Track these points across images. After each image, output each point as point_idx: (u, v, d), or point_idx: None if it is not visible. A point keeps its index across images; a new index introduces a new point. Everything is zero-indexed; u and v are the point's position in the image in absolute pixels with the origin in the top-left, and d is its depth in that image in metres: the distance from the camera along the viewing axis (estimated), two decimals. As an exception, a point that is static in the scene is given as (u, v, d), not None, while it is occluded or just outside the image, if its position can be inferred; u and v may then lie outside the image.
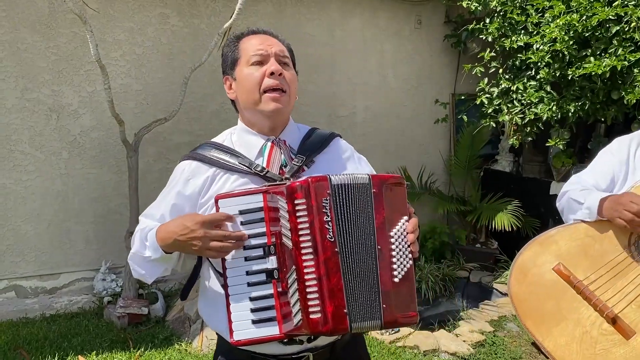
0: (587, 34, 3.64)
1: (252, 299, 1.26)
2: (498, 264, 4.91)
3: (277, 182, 1.33)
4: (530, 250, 1.77)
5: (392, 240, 1.28)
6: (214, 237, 1.25)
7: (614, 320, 1.56)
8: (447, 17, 5.11)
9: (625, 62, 3.40)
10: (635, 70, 3.43)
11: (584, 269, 1.66)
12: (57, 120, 3.85)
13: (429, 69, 5.19)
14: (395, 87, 5.05)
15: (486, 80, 4.44)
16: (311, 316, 1.20)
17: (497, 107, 4.41)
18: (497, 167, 5.33)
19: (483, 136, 5.14)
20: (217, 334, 1.48)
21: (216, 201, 1.29)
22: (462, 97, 5.12)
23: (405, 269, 1.28)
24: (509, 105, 4.32)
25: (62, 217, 3.97)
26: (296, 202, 1.22)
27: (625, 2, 3.43)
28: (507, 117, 4.32)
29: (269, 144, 1.43)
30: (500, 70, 4.39)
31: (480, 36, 4.42)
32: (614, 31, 3.50)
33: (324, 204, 1.23)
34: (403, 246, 1.29)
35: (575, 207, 1.81)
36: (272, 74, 1.37)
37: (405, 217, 1.31)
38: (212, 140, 1.51)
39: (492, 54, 4.33)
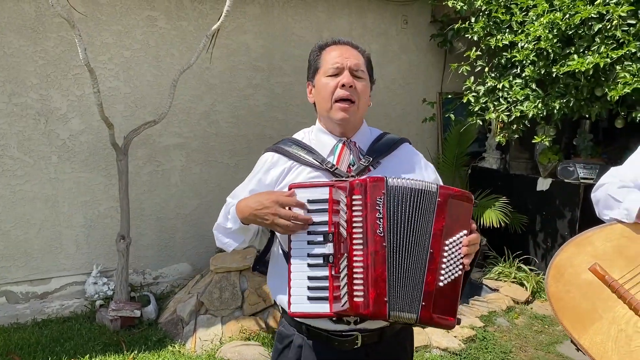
0: (571, 32, 3.70)
1: (310, 278, 1.40)
2: (487, 260, 4.97)
3: (343, 179, 1.48)
4: (567, 251, 1.79)
5: (446, 247, 1.39)
6: (283, 215, 1.41)
7: None
8: (433, 17, 5.16)
9: (608, 60, 3.46)
10: (618, 67, 3.49)
11: (619, 269, 1.68)
12: (45, 125, 3.84)
13: (416, 68, 5.23)
14: (383, 87, 5.09)
15: (472, 78, 4.49)
16: (355, 299, 1.34)
17: (483, 105, 4.47)
18: (485, 165, 5.39)
19: (470, 134, 5.20)
20: (279, 306, 1.64)
21: (290, 189, 1.45)
22: (449, 96, 5.18)
23: (453, 277, 1.39)
24: (495, 103, 4.37)
25: (52, 222, 3.96)
26: (354, 197, 1.38)
27: (607, 1, 3.49)
28: (493, 115, 4.37)
29: (340, 144, 1.58)
30: (486, 69, 4.45)
31: (466, 35, 4.47)
32: (596, 29, 3.56)
33: (377, 202, 1.37)
34: (455, 255, 1.40)
35: (612, 204, 1.81)
36: (343, 85, 1.51)
37: (465, 231, 1.42)
38: (293, 136, 1.68)
39: (478, 52, 4.38)
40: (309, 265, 1.41)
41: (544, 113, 4.06)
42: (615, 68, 3.51)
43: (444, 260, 1.38)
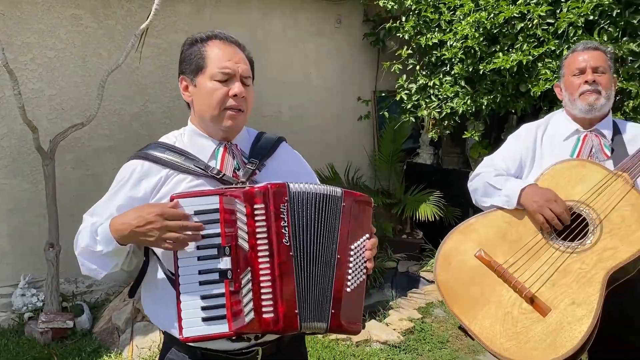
0: (496, 31, 3.86)
1: (203, 297, 1.29)
2: (423, 253, 5.10)
3: (234, 186, 1.38)
4: (453, 239, 1.85)
5: (352, 252, 1.37)
6: (171, 227, 1.27)
7: (531, 300, 1.64)
8: (365, 16, 5.24)
9: (530, 57, 3.64)
10: (539, 65, 3.67)
11: (503, 254, 1.75)
12: (-38, 129, 3.61)
13: (351, 67, 5.30)
14: (318, 86, 5.12)
15: (405, 77, 4.60)
16: (264, 315, 1.26)
17: (415, 103, 4.58)
18: (419, 160, 5.54)
19: (404, 131, 5.32)
20: (163, 332, 1.50)
21: (171, 199, 1.31)
22: (383, 94, 5.27)
23: (358, 282, 1.37)
24: (427, 101, 4.49)
25: (-27, 232, 3.73)
26: (255, 206, 1.28)
27: (528, 1, 3.67)
28: (425, 112, 4.49)
29: (221, 148, 1.47)
30: (418, 67, 4.56)
31: (398, 34, 4.57)
32: (518, 28, 3.73)
33: (281, 210, 1.30)
34: (360, 260, 1.39)
35: (491, 191, 1.90)
36: (235, 95, 1.41)
37: (367, 235, 1.42)
38: (161, 140, 1.52)
39: (409, 51, 4.50)
40: (202, 283, 1.28)
41: (473, 109, 4.22)
42: (537, 65, 3.70)
43: (350, 265, 1.35)
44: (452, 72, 4.25)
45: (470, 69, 4.09)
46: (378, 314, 4.07)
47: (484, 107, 4.12)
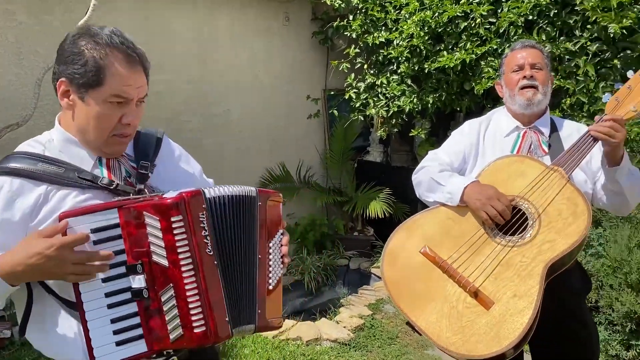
0: (440, 30, 3.92)
1: (114, 321, 1.21)
2: (374, 249, 5.15)
3: (134, 197, 1.28)
4: (398, 236, 1.86)
5: (270, 250, 1.38)
6: (75, 261, 1.14)
7: (475, 294, 1.67)
8: (314, 14, 5.23)
9: (473, 56, 3.71)
10: (482, 63, 3.75)
11: (447, 249, 1.77)
12: None
13: (300, 65, 5.28)
14: (268, 84, 5.08)
15: (353, 75, 4.62)
16: (195, 330, 1.21)
17: (364, 101, 4.61)
18: (369, 158, 5.58)
19: (354, 129, 5.35)
20: None
21: (60, 219, 1.17)
22: (332, 93, 5.29)
23: (277, 277, 1.39)
24: (375, 99, 4.53)
25: None
26: (172, 219, 1.19)
27: (470, 0, 3.74)
28: (373, 111, 4.52)
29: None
30: (365, 66, 4.59)
31: (345, 33, 4.58)
32: (462, 27, 3.79)
33: (200, 219, 1.23)
34: (277, 256, 1.40)
35: (435, 187, 1.93)
36: (128, 124, 1.28)
37: (281, 230, 1.43)
38: (24, 150, 1.28)
39: (357, 50, 4.51)
40: (110, 306, 1.20)
41: (419, 107, 4.28)
42: (480, 64, 3.77)
43: (270, 263, 1.37)
44: (399, 71, 4.30)
45: (416, 68, 4.14)
46: (329, 312, 4.08)
47: (429, 105, 4.18)
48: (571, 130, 1.95)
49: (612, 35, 3.08)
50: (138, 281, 1.21)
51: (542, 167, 1.80)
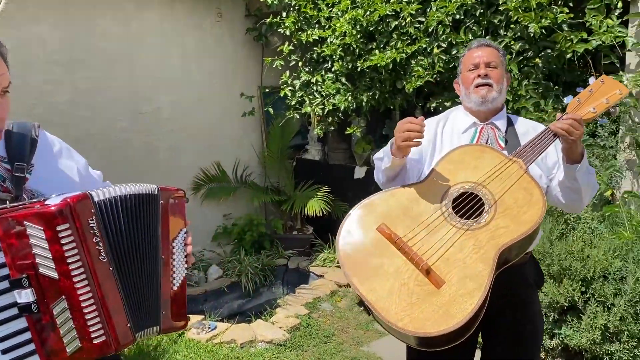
0: (372, 29, 3.94)
1: (1, 340, 1.12)
2: (313, 248, 5.14)
3: (11, 205, 1.17)
4: (356, 213, 1.85)
5: (174, 250, 1.34)
6: None
7: (427, 272, 1.66)
8: (247, 11, 5.15)
9: (404, 55, 3.75)
10: (413, 62, 3.79)
11: (403, 228, 1.77)
12: None
13: (234, 62, 5.19)
14: (200, 81, 4.96)
15: (288, 73, 4.58)
16: (95, 341, 1.16)
17: (299, 99, 4.58)
18: (308, 156, 5.56)
19: (292, 127, 5.31)
20: None
21: None
22: (266, 90, 5.23)
23: (182, 277, 1.36)
24: (310, 97, 4.51)
25: None
26: (58, 228, 1.12)
27: (400, -1, 3.78)
28: (309, 109, 4.50)
29: None
30: (300, 63, 4.56)
31: (279, 30, 4.53)
32: (392, 26, 3.83)
33: (90, 225, 1.17)
34: (181, 256, 1.37)
35: (378, 164, 1.97)
36: None
37: (184, 229, 1.39)
38: None
39: (291, 47, 4.48)
40: None
41: (354, 105, 4.29)
42: (410, 62, 3.82)
43: (174, 263, 1.34)
44: (333, 69, 4.30)
45: (350, 66, 4.15)
46: (265, 313, 4.03)
47: (364, 103, 4.20)
48: (527, 128, 1.99)
49: (532, 34, 3.18)
50: (25, 295, 1.13)
51: (501, 157, 1.83)
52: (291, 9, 4.42)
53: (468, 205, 1.76)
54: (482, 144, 1.94)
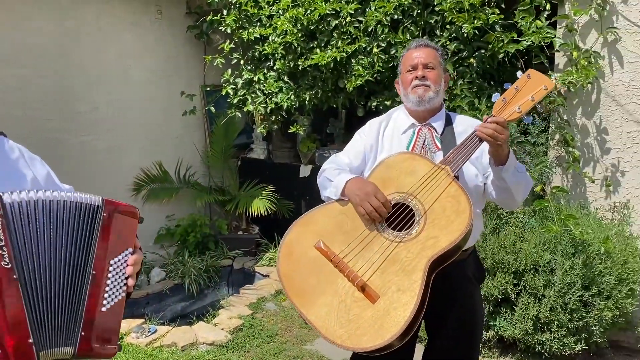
0: (313, 27, 3.94)
1: None
2: (259, 248, 5.10)
3: None
4: (295, 231, 1.87)
5: (111, 268, 1.26)
6: None
7: (363, 288, 1.70)
8: (188, 8, 5.06)
9: (344, 54, 3.77)
10: (353, 61, 3.82)
11: (339, 244, 1.79)
12: None
13: (175, 60, 5.08)
14: (140, 80, 4.84)
15: (230, 71, 4.54)
16: None
17: (242, 98, 4.54)
18: (253, 156, 5.51)
19: (236, 126, 5.25)
20: None
21: None
22: (208, 89, 5.16)
23: (116, 300, 1.26)
24: (253, 96, 4.48)
25: None
26: None
27: (340, -2, 3.80)
28: (251, 107, 4.47)
29: None
30: (242, 62, 4.52)
31: (220, 28, 4.48)
32: (333, 25, 3.85)
33: None
34: (120, 277, 1.28)
35: (327, 184, 1.96)
36: None
37: (130, 249, 1.31)
38: None
39: (232, 45, 4.43)
40: None
41: (297, 104, 4.29)
42: (351, 61, 3.85)
43: (108, 282, 1.25)
44: (275, 68, 4.28)
45: (292, 65, 4.15)
46: (207, 314, 3.97)
47: (306, 102, 4.20)
48: (466, 126, 2.01)
49: (466, 35, 3.26)
50: None
51: (430, 165, 1.84)
52: (232, 6, 4.37)
53: (400, 216, 1.79)
54: (412, 152, 1.96)
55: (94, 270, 1.22)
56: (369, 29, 3.68)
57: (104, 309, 1.23)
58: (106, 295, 1.24)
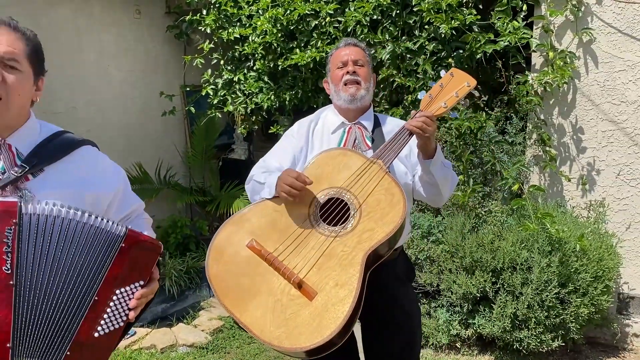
0: (292, 27, 3.94)
1: None
2: (240, 249, 5.07)
3: None
4: (225, 230, 1.80)
5: (115, 298, 1.26)
6: None
7: (299, 285, 1.65)
8: (167, 8, 5.02)
9: (324, 54, 3.77)
10: (333, 61, 3.82)
11: (273, 242, 1.75)
12: None
13: (154, 60, 5.04)
14: (119, 80, 4.79)
15: (210, 71, 4.51)
16: None
17: (222, 98, 4.52)
18: (234, 156, 5.50)
19: (216, 127, 5.22)
20: None
21: None
22: (187, 89, 5.13)
23: (112, 328, 1.27)
24: (233, 96, 4.46)
25: None
26: None
27: (319, -1, 3.80)
28: (231, 107, 4.45)
29: None
30: (222, 62, 4.50)
31: (200, 27, 4.45)
32: (313, 25, 3.85)
33: (6, 233, 1.14)
34: (122, 307, 1.28)
35: (258, 188, 1.92)
36: None
37: (142, 282, 1.31)
38: None
39: (212, 45, 4.41)
40: None
41: (277, 104, 4.28)
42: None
43: (108, 310, 1.26)
44: (255, 68, 4.26)
45: (272, 65, 4.14)
46: (187, 316, 3.94)
47: (287, 102, 4.19)
48: (393, 127, 2.04)
49: (444, 35, 3.29)
50: None
51: (363, 159, 1.85)
52: (211, 6, 4.35)
53: (335, 211, 1.78)
54: (344, 148, 1.96)
55: (96, 297, 1.24)
56: (349, 29, 3.68)
57: (96, 334, 1.24)
58: (102, 322, 1.25)
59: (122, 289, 1.28)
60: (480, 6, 3.40)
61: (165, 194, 5.13)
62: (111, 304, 1.26)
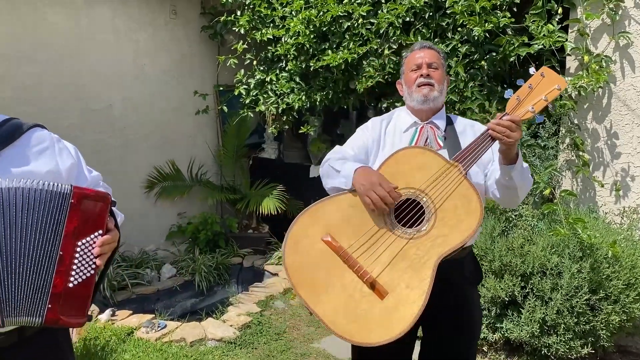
0: (325, 29, 3.98)
1: None
2: (269, 246, 5.15)
3: None
4: (301, 222, 1.83)
5: (78, 249, 1.37)
6: None
7: (372, 284, 1.71)
8: (202, 9, 5.12)
9: (355, 55, 3.80)
10: (364, 63, 3.85)
11: (348, 238, 1.78)
12: None
13: (189, 59, 5.15)
14: (154, 78, 4.90)
15: (243, 71, 4.58)
16: None
17: (254, 98, 4.59)
18: (264, 155, 5.57)
19: (248, 126, 5.31)
20: None
21: None
22: (221, 88, 5.22)
23: (84, 277, 1.38)
24: (265, 96, 4.52)
25: None
26: None
27: (352, 0, 3.82)
28: (263, 107, 4.51)
29: None
30: (255, 62, 4.57)
31: (234, 28, 4.53)
32: (345, 26, 3.88)
33: None
34: (88, 256, 1.39)
35: (333, 174, 1.95)
36: None
37: (100, 231, 1.41)
38: None
39: (245, 46, 4.48)
40: None
41: (308, 105, 4.32)
42: (362, 63, 3.87)
43: (75, 262, 1.37)
44: (287, 68, 4.32)
45: (303, 66, 4.18)
46: (216, 311, 4.02)
47: (317, 102, 4.23)
48: (464, 126, 2.03)
49: (477, 37, 3.28)
50: None
51: (442, 162, 1.83)
52: (246, 7, 4.42)
53: (410, 213, 1.78)
54: (423, 147, 1.94)
55: (61, 252, 1.34)
56: (381, 31, 3.70)
57: (70, 285, 1.35)
58: (73, 272, 1.36)
59: (83, 240, 1.38)
60: (515, 9, 3.37)
61: (196, 191, 5.24)
62: (77, 255, 1.37)
